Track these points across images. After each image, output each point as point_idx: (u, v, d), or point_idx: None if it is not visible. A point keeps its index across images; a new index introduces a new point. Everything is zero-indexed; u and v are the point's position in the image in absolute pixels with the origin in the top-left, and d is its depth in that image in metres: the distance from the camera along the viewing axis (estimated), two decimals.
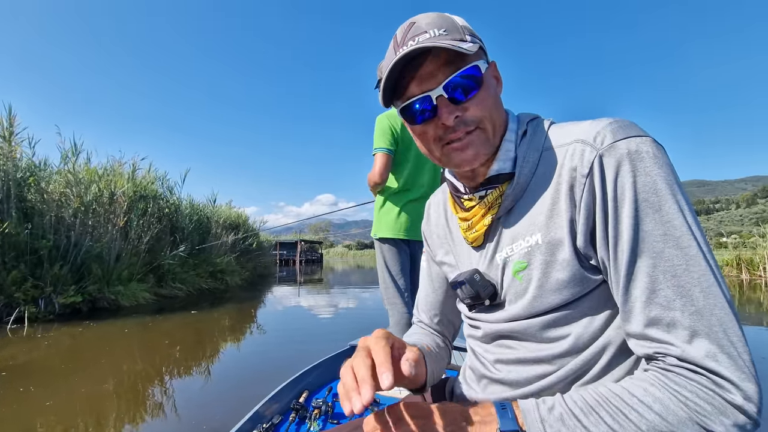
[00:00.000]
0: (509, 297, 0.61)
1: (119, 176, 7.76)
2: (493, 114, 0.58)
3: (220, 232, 11.36)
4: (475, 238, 0.65)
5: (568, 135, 0.56)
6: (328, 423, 1.56)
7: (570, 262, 0.53)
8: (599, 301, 0.54)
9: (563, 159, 0.55)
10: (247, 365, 3.41)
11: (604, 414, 0.45)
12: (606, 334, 0.54)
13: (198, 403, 2.44)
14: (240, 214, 14.35)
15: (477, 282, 0.63)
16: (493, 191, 0.61)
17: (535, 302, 0.57)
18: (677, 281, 0.45)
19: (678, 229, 0.46)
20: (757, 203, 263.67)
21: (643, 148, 0.49)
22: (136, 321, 5.42)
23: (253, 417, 1.48)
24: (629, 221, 0.48)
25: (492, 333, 0.64)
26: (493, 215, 0.62)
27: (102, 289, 6.38)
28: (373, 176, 1.97)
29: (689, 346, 0.44)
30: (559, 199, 0.54)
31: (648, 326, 0.47)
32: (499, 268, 0.62)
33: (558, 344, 0.56)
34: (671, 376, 0.45)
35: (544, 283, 0.56)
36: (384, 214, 2.02)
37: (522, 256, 0.58)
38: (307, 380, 1.94)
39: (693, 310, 0.44)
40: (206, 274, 9.94)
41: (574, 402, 0.48)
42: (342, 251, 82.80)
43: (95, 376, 2.99)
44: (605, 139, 0.51)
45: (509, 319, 0.61)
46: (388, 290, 2.00)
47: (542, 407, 0.48)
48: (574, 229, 0.53)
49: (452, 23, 0.56)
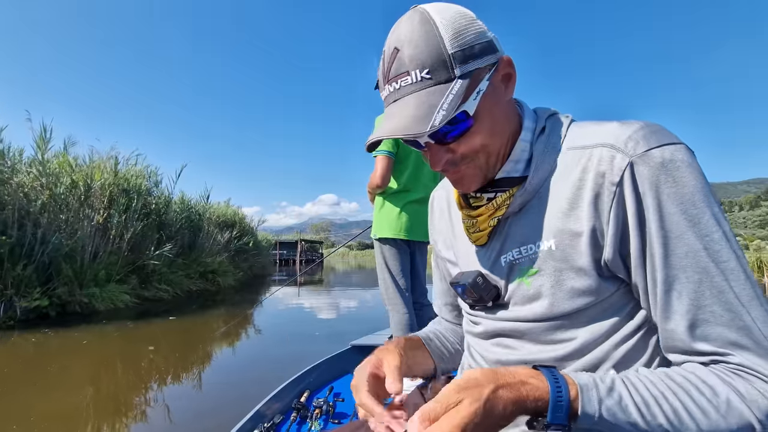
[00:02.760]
0: (514, 300, 0.59)
1: (98, 168, 7.13)
2: (489, 143, 0.55)
3: (212, 230, 10.73)
4: (479, 237, 0.62)
5: (591, 136, 0.53)
6: (329, 423, 1.55)
7: (587, 272, 0.51)
8: (609, 307, 0.53)
9: (587, 162, 0.51)
10: (221, 398, 2.77)
11: (671, 413, 0.43)
12: (612, 339, 0.52)
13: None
14: (236, 212, 13.79)
15: (480, 286, 0.61)
16: (503, 194, 0.58)
17: (546, 310, 0.54)
18: (723, 297, 0.45)
19: (717, 242, 0.45)
20: (760, 205, 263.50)
21: (678, 157, 0.47)
22: (101, 330, 4.78)
23: (254, 416, 1.47)
24: (668, 236, 0.46)
25: (492, 331, 0.62)
26: (500, 216, 0.59)
27: (73, 291, 5.74)
28: (374, 179, 1.93)
29: (742, 359, 0.44)
30: (579, 204, 0.51)
31: (696, 341, 0.46)
32: (503, 270, 0.59)
33: (561, 346, 0.54)
34: (734, 376, 0.44)
35: (557, 291, 0.53)
36: (384, 215, 2.00)
37: (532, 261, 0.56)
38: (308, 380, 1.92)
39: (741, 325, 0.44)
40: (196, 275, 9.30)
41: (635, 387, 0.45)
42: (343, 251, 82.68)
43: (32, 394, 2.35)
44: (638, 145, 0.48)
45: (513, 319, 0.59)
46: (389, 290, 1.97)
47: (601, 387, 0.44)
48: (596, 239, 0.51)
49: (437, 52, 0.49)
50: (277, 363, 3.42)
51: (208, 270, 9.84)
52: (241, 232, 12.98)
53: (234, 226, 12.48)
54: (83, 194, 6.48)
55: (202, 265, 9.69)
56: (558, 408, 0.42)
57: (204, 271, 9.70)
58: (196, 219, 10.20)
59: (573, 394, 0.43)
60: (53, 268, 5.64)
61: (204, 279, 9.63)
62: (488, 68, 0.52)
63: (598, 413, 0.43)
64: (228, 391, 2.73)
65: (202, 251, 9.99)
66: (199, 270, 9.51)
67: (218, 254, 10.69)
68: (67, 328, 4.74)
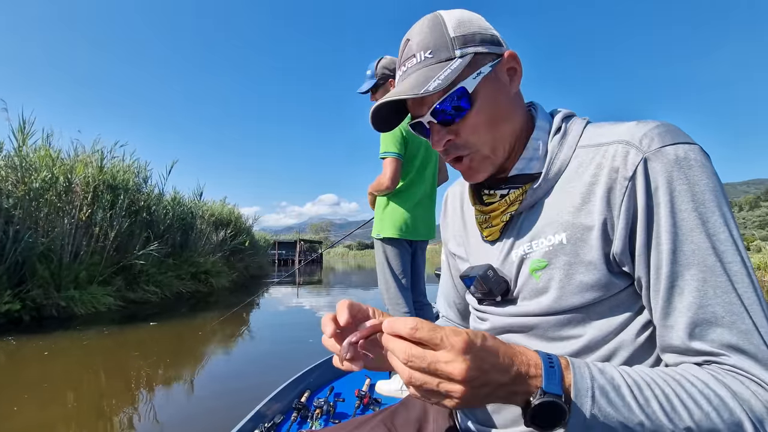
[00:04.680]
0: (523, 294, 0.58)
1: (82, 162, 6.70)
2: (492, 134, 0.57)
3: (205, 228, 10.31)
4: (492, 233, 0.63)
5: (607, 134, 0.53)
6: (329, 422, 1.54)
7: (597, 266, 0.51)
8: (619, 304, 0.52)
9: (601, 158, 0.52)
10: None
11: (663, 398, 0.42)
12: (619, 337, 0.52)
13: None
14: (232, 210, 13.38)
15: (490, 278, 0.60)
16: (516, 191, 0.59)
17: (554, 303, 0.54)
18: (726, 298, 0.44)
19: (723, 243, 0.45)
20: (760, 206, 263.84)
21: (692, 155, 0.47)
22: (71, 337, 4.35)
23: (254, 416, 1.46)
24: (676, 232, 0.46)
25: (500, 327, 0.62)
26: (512, 212, 0.59)
27: (49, 293, 5.31)
28: (383, 181, 1.91)
29: (737, 362, 0.44)
30: (591, 199, 0.52)
31: (693, 340, 0.46)
32: (514, 264, 0.59)
33: (569, 343, 0.54)
34: (728, 376, 0.43)
35: (566, 284, 0.53)
36: (388, 214, 1.99)
37: (542, 254, 0.55)
38: (308, 380, 1.90)
39: (743, 328, 0.44)
40: (188, 276, 8.88)
41: (627, 373, 0.44)
42: (342, 251, 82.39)
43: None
44: (652, 142, 0.48)
45: (521, 314, 0.58)
46: (390, 290, 1.95)
47: (593, 367, 0.44)
48: (607, 233, 0.51)
49: (440, 37, 0.55)
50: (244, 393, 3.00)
51: (201, 270, 9.41)
52: (236, 231, 12.55)
53: (229, 225, 12.05)
54: (63, 189, 6.05)
55: (194, 265, 9.26)
56: (551, 374, 0.41)
57: (196, 271, 9.27)
58: (188, 217, 9.78)
59: (564, 364, 0.43)
60: (27, 269, 5.22)
61: (196, 280, 9.21)
62: (492, 56, 0.55)
63: (590, 389, 0.41)
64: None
65: (195, 251, 9.57)
66: (191, 270, 9.08)
67: (211, 254, 10.26)
68: (36, 335, 4.32)
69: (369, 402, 1.72)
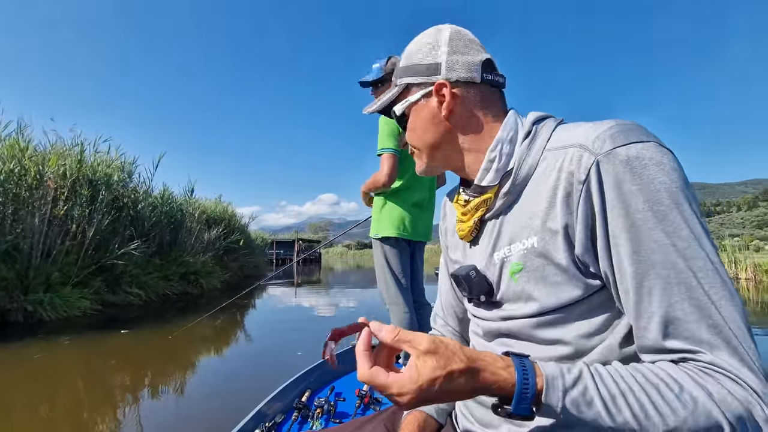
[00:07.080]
0: (507, 296, 0.60)
1: (57, 155, 6.18)
2: (419, 144, 0.66)
3: (195, 227, 9.80)
4: (463, 232, 0.67)
5: (570, 137, 0.54)
6: (330, 422, 1.55)
7: (566, 268, 0.52)
8: (598, 304, 0.53)
9: (562, 162, 0.52)
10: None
11: (632, 400, 0.43)
12: (604, 336, 0.52)
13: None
14: (225, 208, 12.88)
15: (472, 279, 0.63)
16: (476, 199, 0.63)
17: (530, 304, 0.56)
18: (692, 294, 0.44)
19: (684, 239, 0.45)
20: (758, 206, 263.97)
21: (646, 155, 0.47)
22: (26, 347, 3.85)
23: (255, 416, 1.45)
24: (633, 232, 0.46)
25: (491, 331, 0.64)
26: (479, 217, 0.63)
27: (14, 297, 4.80)
28: (380, 177, 1.87)
29: (713, 358, 0.44)
30: (555, 204, 0.53)
31: (667, 339, 0.46)
32: (497, 266, 0.61)
33: (555, 348, 0.55)
34: (703, 375, 0.44)
35: (542, 286, 0.55)
36: (386, 214, 1.97)
37: (519, 257, 0.57)
38: (309, 379, 1.89)
39: (710, 323, 0.44)
40: (176, 277, 8.37)
41: (602, 380, 0.45)
42: (342, 251, 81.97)
43: None
44: (604, 144, 0.49)
45: (506, 317, 0.60)
46: (390, 290, 1.93)
47: (567, 378, 0.44)
48: (569, 236, 0.52)
49: (397, 66, 0.69)
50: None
51: (190, 271, 8.90)
52: (229, 229, 12.04)
53: (221, 223, 11.54)
54: (34, 182, 5.53)
55: (184, 265, 8.75)
56: (523, 399, 0.43)
57: (185, 272, 8.76)
58: (177, 215, 9.27)
59: (540, 384, 0.44)
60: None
61: (185, 281, 8.70)
62: (423, 86, 0.64)
63: (561, 404, 0.43)
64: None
65: (184, 250, 9.06)
66: (180, 271, 8.57)
67: (202, 253, 9.76)
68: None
69: (370, 402, 1.68)
